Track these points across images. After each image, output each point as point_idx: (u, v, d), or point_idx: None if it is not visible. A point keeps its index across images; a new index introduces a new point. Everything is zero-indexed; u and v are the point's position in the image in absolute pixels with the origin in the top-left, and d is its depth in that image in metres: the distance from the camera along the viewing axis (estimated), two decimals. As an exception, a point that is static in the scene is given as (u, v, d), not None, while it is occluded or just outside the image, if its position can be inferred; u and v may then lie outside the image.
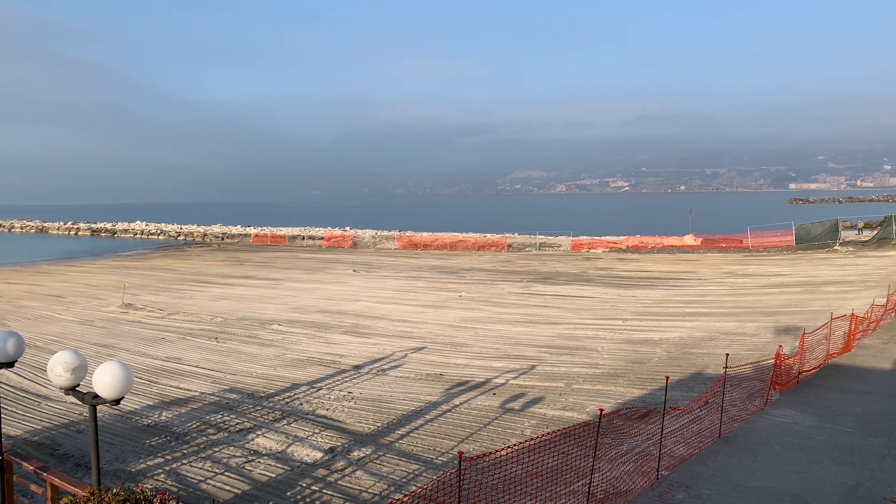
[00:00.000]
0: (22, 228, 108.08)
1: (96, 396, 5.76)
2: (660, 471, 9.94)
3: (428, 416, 13.63)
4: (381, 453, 11.66)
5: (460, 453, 6.84)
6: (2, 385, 15.68)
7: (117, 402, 5.77)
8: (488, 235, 63.58)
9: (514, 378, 16.42)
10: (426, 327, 23.22)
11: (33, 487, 6.94)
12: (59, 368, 5.89)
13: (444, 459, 11.33)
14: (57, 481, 6.25)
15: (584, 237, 60.52)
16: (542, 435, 8.95)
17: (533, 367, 17.49)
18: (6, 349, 6.64)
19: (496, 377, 16.53)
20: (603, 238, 58.71)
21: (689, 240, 53.88)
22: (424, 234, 68.39)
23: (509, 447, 7.78)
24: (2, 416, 6.94)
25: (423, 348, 19.91)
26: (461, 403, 14.47)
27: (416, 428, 12.96)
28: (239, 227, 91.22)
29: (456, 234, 66.87)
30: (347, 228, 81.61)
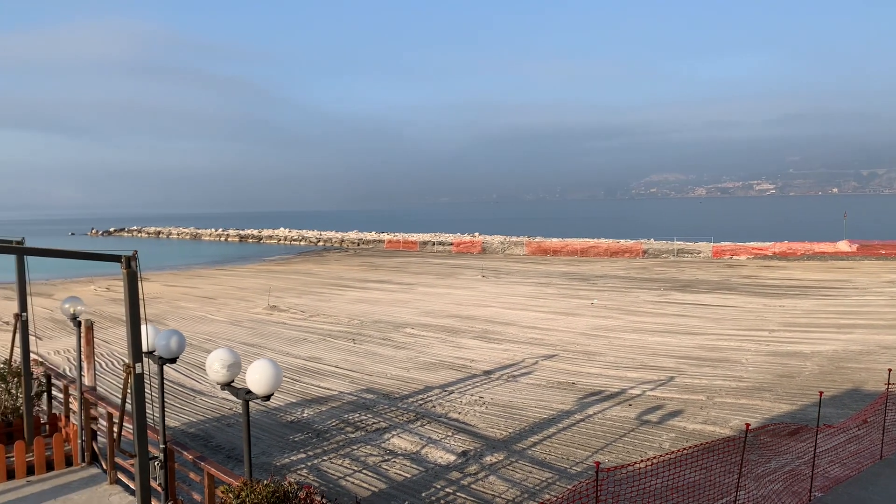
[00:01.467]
0: (178, 235, 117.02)
1: (249, 392, 6.10)
2: (812, 492, 9.27)
3: (560, 425, 13.44)
4: (513, 459, 11.62)
5: (597, 464, 6.68)
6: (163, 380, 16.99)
7: (268, 398, 6.09)
8: (621, 241, 61.97)
9: (651, 389, 15.87)
10: (557, 335, 22.93)
11: (192, 475, 7.45)
12: (216, 365, 6.29)
13: (579, 469, 11.11)
14: (213, 471, 6.67)
15: (727, 243, 57.58)
16: (682, 449, 8.57)
17: (671, 378, 16.83)
18: (169, 346, 7.18)
19: (631, 388, 16.05)
20: (747, 244, 55.59)
21: (842, 246, 50.02)
22: (554, 239, 67.66)
23: (647, 460, 7.52)
24: (159, 409, 7.49)
25: (554, 356, 19.67)
26: (595, 413, 14.15)
27: (549, 436, 12.81)
28: (373, 233, 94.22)
29: (587, 239, 65.65)
30: (476, 234, 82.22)
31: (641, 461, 7.44)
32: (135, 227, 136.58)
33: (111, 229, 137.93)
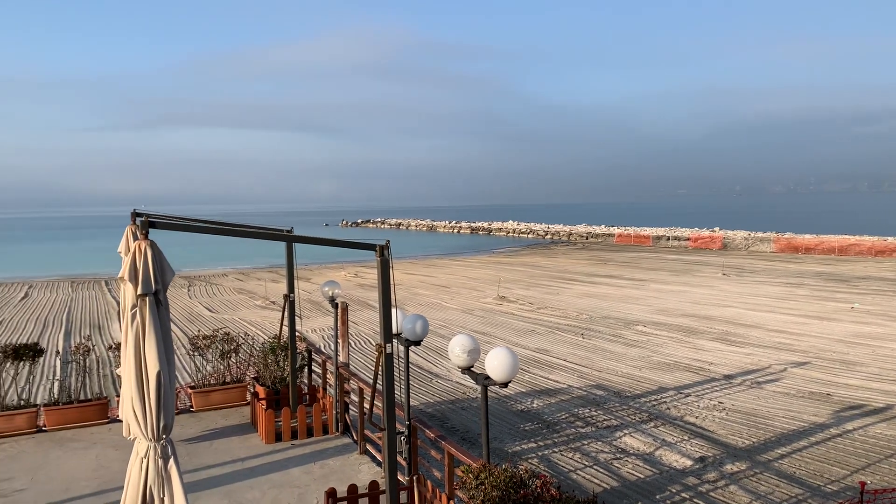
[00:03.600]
0: (416, 227, 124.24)
1: (487, 378, 6.29)
2: None
3: (813, 439, 12.21)
4: (757, 471, 10.78)
5: (861, 483, 5.98)
6: (400, 361, 18.17)
7: (505, 385, 6.23)
8: (889, 239, 54.65)
9: (927, 408, 13.86)
10: (809, 340, 20.86)
11: (433, 453, 7.86)
12: (457, 350, 6.56)
13: (835, 488, 10.03)
14: (453, 450, 6.98)
15: None
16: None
17: (953, 397, 14.57)
18: (415, 329, 7.62)
19: (901, 404, 14.14)
20: None
21: None
22: (806, 236, 61.59)
23: (928, 489, 6.56)
24: (404, 388, 7.97)
25: (805, 363, 17.92)
26: (854, 429, 12.67)
27: (799, 449, 11.70)
28: (603, 226, 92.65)
29: (846, 236, 58.89)
30: (716, 229, 77.39)
31: (919, 489, 6.52)
32: (379, 219, 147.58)
33: (359, 221, 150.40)
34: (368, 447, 9.48)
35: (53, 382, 16.05)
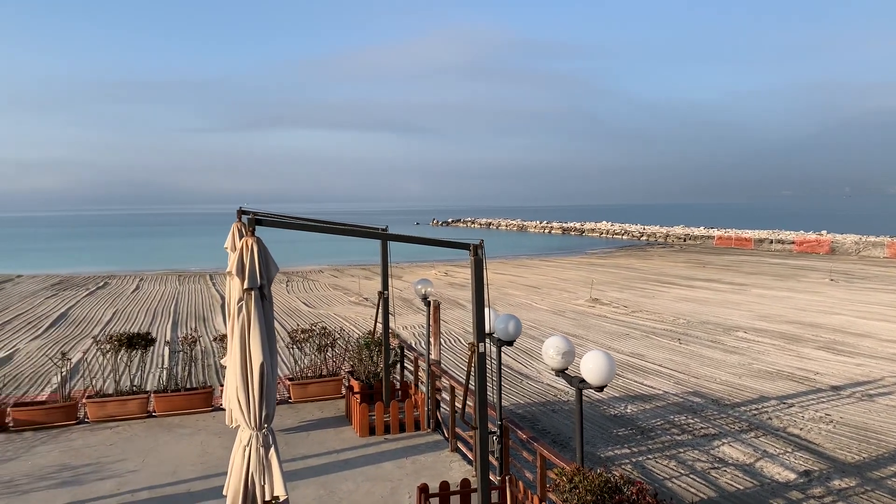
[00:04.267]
0: (506, 227, 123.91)
1: (583, 381, 6.19)
2: None
3: (932, 458, 11.41)
4: (868, 488, 10.16)
5: None
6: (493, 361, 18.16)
7: (601, 388, 6.12)
8: None
9: None
10: (928, 352, 19.49)
11: (524, 454, 7.82)
12: (551, 351, 6.49)
13: (957, 514, 9.33)
14: (546, 452, 6.92)
15: None
16: None
17: None
18: (507, 329, 7.60)
19: None
20: None
21: None
22: (925, 241, 57.55)
23: None
24: (496, 388, 7.96)
25: (924, 376, 16.76)
26: (981, 450, 11.75)
27: (916, 469, 10.95)
28: (701, 228, 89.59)
29: (970, 242, 54.66)
30: (823, 232, 73.41)
31: None
32: (469, 219, 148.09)
33: (449, 220, 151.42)
34: (459, 445, 9.53)
35: (161, 370, 16.93)
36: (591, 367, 6.05)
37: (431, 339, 11.06)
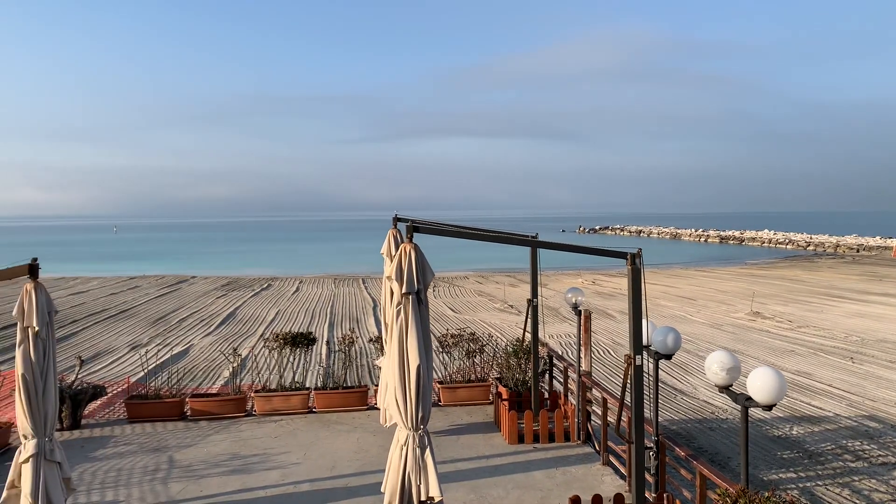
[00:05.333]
0: (658, 234, 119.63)
1: (749, 399, 5.84)
2: None
3: None
4: None
5: None
6: (649, 375, 17.57)
7: (769, 408, 5.74)
8: None
9: None
10: None
11: (682, 472, 7.49)
12: (715, 366, 6.18)
13: None
14: (706, 472, 6.59)
15: None
16: None
17: None
18: (666, 342, 7.32)
19: None
20: None
21: None
22: None
23: None
24: (652, 403, 7.67)
25: None
26: None
27: None
28: (877, 238, 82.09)
29: None
30: None
31: None
32: (618, 226, 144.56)
33: (596, 227, 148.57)
34: (611, 459, 9.29)
35: (319, 369, 17.84)
36: (759, 384, 5.70)
37: (582, 349, 10.87)
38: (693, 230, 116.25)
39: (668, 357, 7.40)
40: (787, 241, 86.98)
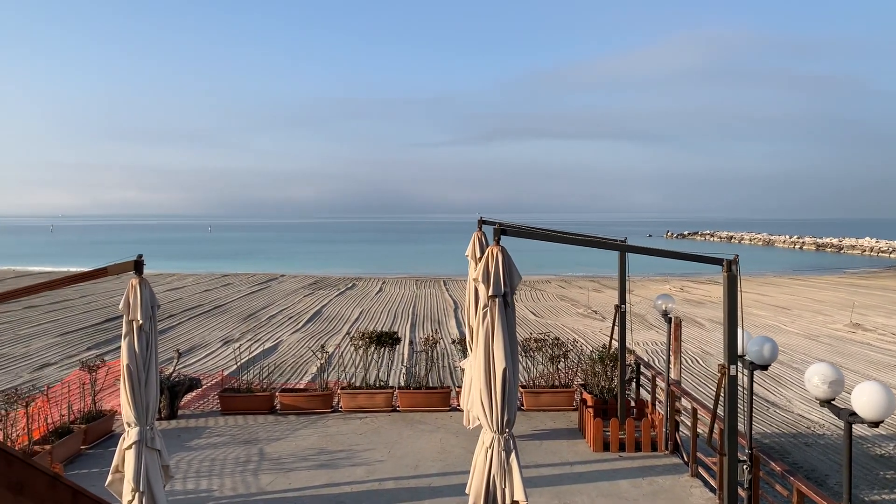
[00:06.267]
0: (751, 241, 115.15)
1: (853, 414, 5.55)
2: None
3: None
4: None
5: None
6: (741, 386, 16.95)
7: (876, 424, 5.44)
8: None
9: None
10: None
11: (778, 488, 7.19)
12: (815, 379, 5.90)
13: None
14: (805, 489, 6.30)
15: None
16: None
17: None
18: (762, 353, 7.04)
19: None
20: None
21: None
22: None
23: None
24: (746, 415, 7.39)
25: None
26: None
27: None
28: None
29: None
30: None
31: None
32: (707, 231, 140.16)
33: (685, 233, 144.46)
34: (701, 471, 9.00)
35: (402, 368, 18.05)
36: (865, 399, 5.40)
37: (671, 358, 10.59)
38: (787, 237, 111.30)
39: (764, 368, 7.12)
40: (890, 249, 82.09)
